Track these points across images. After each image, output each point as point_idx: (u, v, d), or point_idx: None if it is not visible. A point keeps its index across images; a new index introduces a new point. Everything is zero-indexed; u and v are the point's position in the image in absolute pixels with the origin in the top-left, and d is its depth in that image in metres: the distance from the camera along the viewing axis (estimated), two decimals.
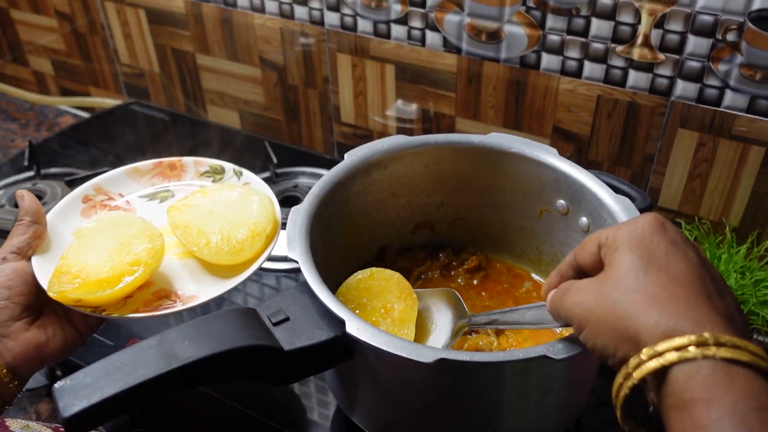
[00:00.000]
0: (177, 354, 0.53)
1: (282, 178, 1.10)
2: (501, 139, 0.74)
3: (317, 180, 0.72)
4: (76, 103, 1.45)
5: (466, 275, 0.80)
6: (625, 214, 0.63)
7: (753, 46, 0.79)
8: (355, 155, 0.73)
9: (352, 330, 0.55)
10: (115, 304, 0.64)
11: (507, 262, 0.82)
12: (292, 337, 0.57)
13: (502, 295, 0.78)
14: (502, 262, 0.82)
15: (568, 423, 0.67)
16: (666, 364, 0.41)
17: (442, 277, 0.80)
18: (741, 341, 0.41)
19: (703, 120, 0.86)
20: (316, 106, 1.17)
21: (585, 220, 0.70)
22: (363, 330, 0.54)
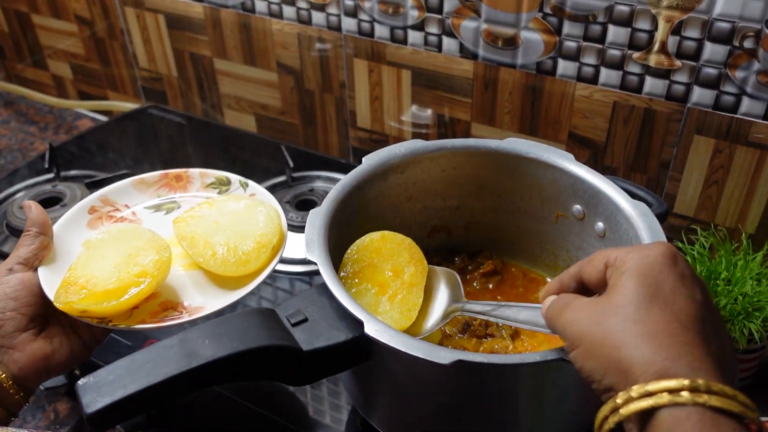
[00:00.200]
0: (198, 353, 0.54)
1: (298, 182, 1.11)
2: (518, 144, 0.75)
3: (333, 184, 0.73)
4: (95, 107, 1.46)
5: (482, 279, 0.80)
6: (642, 220, 0.64)
7: None
8: (372, 159, 0.74)
9: (371, 331, 0.55)
10: (122, 315, 0.65)
11: (522, 266, 0.82)
12: (310, 338, 0.57)
13: (517, 299, 0.79)
14: (517, 266, 0.82)
15: (581, 428, 0.67)
16: (656, 405, 0.41)
17: None
18: (732, 391, 0.41)
19: (720, 127, 0.86)
20: (332, 111, 1.18)
21: (601, 225, 0.70)
22: (381, 331, 0.55)
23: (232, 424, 0.77)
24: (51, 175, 1.14)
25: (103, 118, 1.45)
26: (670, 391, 0.40)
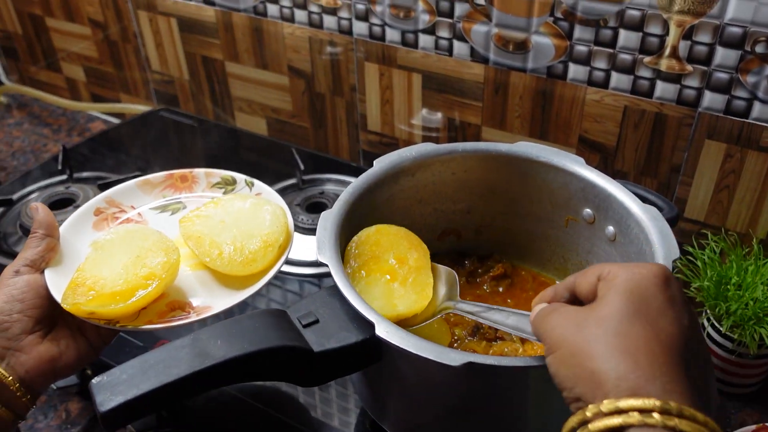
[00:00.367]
0: (210, 353, 0.54)
1: (309, 184, 1.11)
2: (528, 147, 0.75)
3: (343, 187, 0.73)
4: (107, 109, 1.47)
5: (492, 282, 0.80)
6: (653, 224, 0.64)
7: None
8: (383, 162, 0.74)
9: (381, 333, 0.55)
10: (129, 316, 0.65)
11: (532, 270, 0.82)
12: (321, 339, 0.58)
13: (527, 302, 0.78)
14: (527, 270, 0.83)
15: None
16: (625, 424, 0.40)
17: (468, 284, 0.81)
18: (703, 417, 0.40)
19: (731, 131, 0.86)
20: (343, 114, 1.19)
21: (612, 230, 0.70)
22: (392, 333, 0.55)
23: (240, 426, 0.77)
24: (64, 177, 1.15)
25: (115, 121, 1.46)
26: (641, 410, 0.40)
